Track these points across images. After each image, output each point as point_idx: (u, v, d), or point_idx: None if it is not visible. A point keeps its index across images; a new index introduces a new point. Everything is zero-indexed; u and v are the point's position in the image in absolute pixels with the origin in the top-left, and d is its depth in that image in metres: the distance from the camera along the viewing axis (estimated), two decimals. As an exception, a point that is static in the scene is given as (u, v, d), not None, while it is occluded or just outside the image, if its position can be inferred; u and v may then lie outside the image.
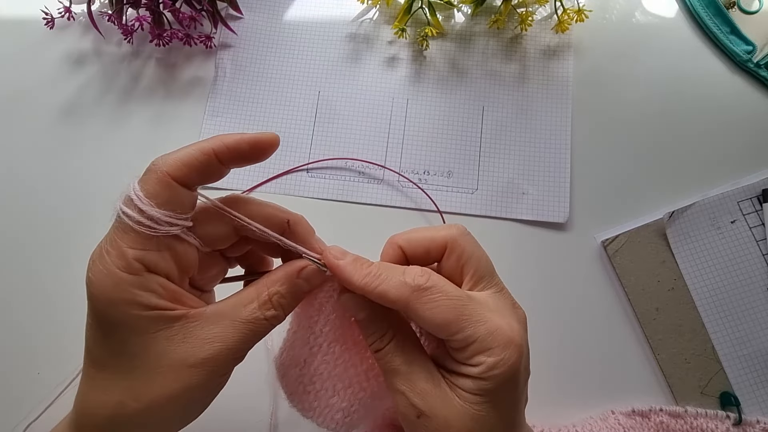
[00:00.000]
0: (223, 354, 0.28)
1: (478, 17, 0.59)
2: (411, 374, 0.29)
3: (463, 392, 0.29)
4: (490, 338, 0.28)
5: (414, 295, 0.28)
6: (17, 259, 0.52)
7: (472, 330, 0.28)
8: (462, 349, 0.29)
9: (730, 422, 0.47)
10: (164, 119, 0.56)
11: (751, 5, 0.58)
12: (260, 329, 0.30)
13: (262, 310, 0.30)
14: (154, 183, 0.27)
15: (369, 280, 0.29)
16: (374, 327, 0.31)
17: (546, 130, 0.55)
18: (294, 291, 0.31)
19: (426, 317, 0.28)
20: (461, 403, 0.29)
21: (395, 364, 0.30)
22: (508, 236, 0.53)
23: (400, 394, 0.30)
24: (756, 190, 0.52)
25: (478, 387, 0.28)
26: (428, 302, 0.28)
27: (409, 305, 0.28)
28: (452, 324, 0.28)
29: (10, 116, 0.55)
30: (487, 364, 0.28)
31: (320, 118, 0.56)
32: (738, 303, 0.50)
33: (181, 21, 0.55)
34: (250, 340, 0.30)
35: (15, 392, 0.49)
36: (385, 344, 0.30)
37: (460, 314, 0.28)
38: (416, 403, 0.29)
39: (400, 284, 0.29)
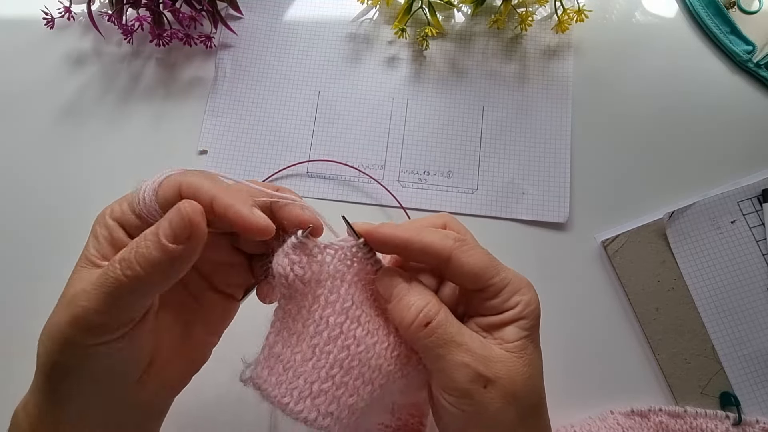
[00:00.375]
0: (80, 295, 0.27)
1: (478, 17, 0.59)
2: (468, 344, 0.30)
3: (510, 343, 0.30)
4: (518, 281, 0.31)
5: (457, 244, 0.31)
6: (17, 259, 0.52)
7: (505, 274, 0.31)
8: (498, 294, 0.31)
9: (729, 422, 0.47)
10: (164, 119, 0.56)
11: (751, 5, 0.58)
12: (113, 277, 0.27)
13: (118, 257, 0.27)
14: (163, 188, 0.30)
15: (413, 233, 0.31)
16: (422, 294, 0.31)
17: (546, 130, 0.55)
18: (154, 235, 0.27)
19: (470, 263, 0.30)
20: (513, 354, 0.30)
21: (451, 333, 0.30)
22: (508, 236, 0.53)
23: (462, 366, 0.29)
24: (756, 190, 0.52)
25: (522, 327, 0.31)
26: (469, 250, 0.31)
27: (453, 253, 0.30)
28: (490, 269, 0.31)
29: (10, 116, 0.55)
30: (525, 301, 0.31)
31: (320, 118, 0.56)
32: (738, 303, 0.50)
33: (181, 21, 0.55)
34: (104, 290, 0.27)
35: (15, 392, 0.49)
36: (437, 312, 0.30)
37: (493, 261, 0.31)
38: (483, 371, 0.29)
39: (442, 236, 0.31)
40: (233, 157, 0.55)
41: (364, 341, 0.30)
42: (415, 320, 0.30)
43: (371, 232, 0.31)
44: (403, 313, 0.30)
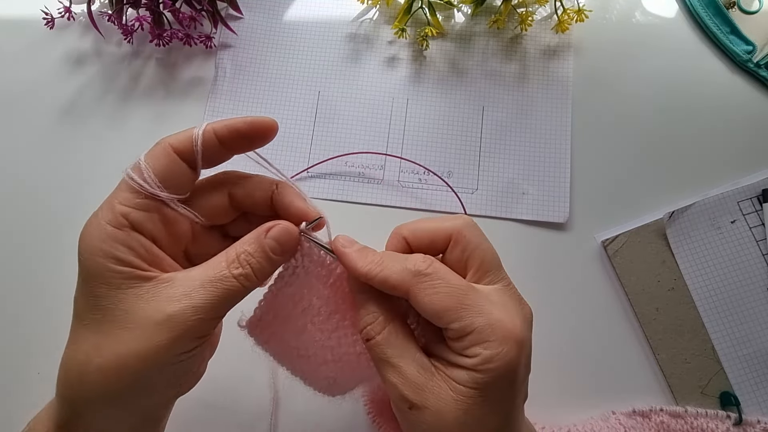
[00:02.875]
0: (189, 311, 0.28)
1: (478, 17, 0.59)
2: (402, 366, 0.29)
3: (457, 385, 0.28)
4: (489, 330, 0.28)
5: (414, 280, 0.29)
6: (17, 259, 0.52)
7: (470, 320, 0.28)
8: (459, 339, 0.28)
9: (730, 422, 0.47)
10: (164, 119, 0.56)
11: (751, 5, 0.58)
12: (230, 288, 0.29)
13: (230, 269, 0.29)
14: (157, 151, 0.30)
15: (372, 267, 0.30)
16: (373, 309, 0.31)
17: (546, 130, 0.55)
18: (263, 250, 0.30)
19: (425, 303, 0.29)
20: (454, 395, 0.28)
21: (386, 354, 0.30)
22: (508, 236, 0.53)
23: (391, 385, 0.29)
24: (756, 190, 0.52)
25: (473, 379, 0.28)
26: (428, 288, 0.29)
27: (410, 290, 0.29)
28: (450, 312, 0.28)
29: (10, 116, 0.55)
30: (483, 356, 0.28)
31: (320, 118, 0.56)
32: (738, 303, 0.50)
33: (181, 21, 0.55)
34: (220, 300, 0.29)
35: (15, 392, 0.49)
36: (378, 332, 0.30)
37: (459, 303, 0.28)
38: (407, 395, 0.29)
39: (401, 270, 0.29)
40: (233, 157, 0.54)
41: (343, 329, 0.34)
42: (360, 332, 0.31)
43: (341, 255, 0.31)
44: (356, 321, 0.32)
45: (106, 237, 0.28)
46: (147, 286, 0.28)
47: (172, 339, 0.27)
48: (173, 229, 0.31)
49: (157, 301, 0.28)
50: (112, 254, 0.28)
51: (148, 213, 0.29)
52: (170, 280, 0.29)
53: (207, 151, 0.31)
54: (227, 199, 0.33)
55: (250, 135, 0.32)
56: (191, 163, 0.31)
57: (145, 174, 0.29)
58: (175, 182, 0.30)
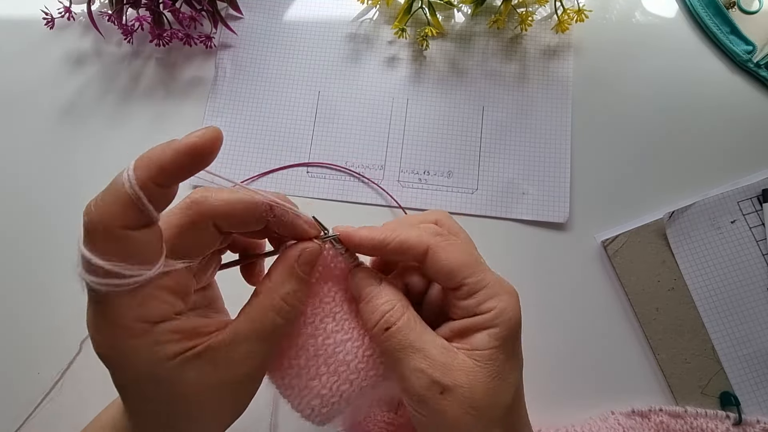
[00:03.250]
0: (258, 368, 0.29)
1: (478, 17, 0.59)
2: (428, 350, 0.29)
3: (478, 351, 0.29)
4: (498, 285, 0.30)
5: (435, 239, 0.30)
6: (17, 259, 0.52)
7: (483, 275, 0.30)
8: (472, 295, 0.30)
9: (730, 422, 0.47)
10: (164, 119, 0.56)
11: (751, 5, 0.58)
12: (282, 331, 0.30)
13: (281, 315, 0.29)
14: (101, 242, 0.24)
15: (388, 233, 0.31)
16: (387, 298, 0.31)
17: (546, 130, 0.55)
18: (300, 281, 0.30)
19: (445, 258, 0.30)
20: (480, 363, 0.29)
21: (410, 339, 0.29)
22: (508, 236, 0.53)
23: (418, 372, 0.29)
24: (756, 190, 0.52)
25: (493, 336, 0.29)
26: (446, 246, 0.30)
27: (430, 248, 0.30)
28: (467, 267, 0.30)
29: (10, 116, 0.55)
30: (499, 308, 0.29)
31: (320, 118, 0.56)
32: (738, 303, 0.50)
33: (181, 21, 0.55)
34: (277, 344, 0.30)
35: (15, 392, 0.49)
36: (398, 318, 0.30)
37: (473, 260, 0.30)
38: (438, 378, 0.28)
39: (419, 232, 0.31)
40: (233, 157, 0.55)
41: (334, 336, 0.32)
42: (377, 324, 0.30)
43: (348, 235, 0.31)
44: (368, 315, 0.31)
45: (142, 350, 0.25)
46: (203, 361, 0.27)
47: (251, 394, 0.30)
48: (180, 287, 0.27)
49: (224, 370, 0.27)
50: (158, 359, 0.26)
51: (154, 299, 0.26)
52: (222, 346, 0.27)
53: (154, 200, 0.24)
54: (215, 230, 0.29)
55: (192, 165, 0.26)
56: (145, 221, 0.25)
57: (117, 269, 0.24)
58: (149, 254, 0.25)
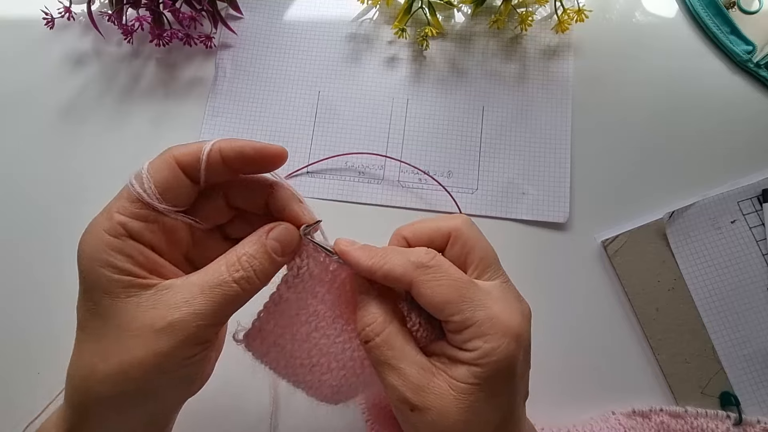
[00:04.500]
0: (190, 318, 0.28)
1: (478, 17, 0.59)
2: (403, 369, 0.29)
3: (458, 382, 0.28)
4: (489, 324, 0.28)
5: (417, 272, 0.29)
6: (17, 259, 0.52)
7: (471, 313, 0.28)
8: (459, 332, 0.29)
9: (730, 422, 0.47)
10: (164, 119, 0.56)
11: (751, 5, 0.58)
12: (230, 293, 0.29)
13: (230, 272, 0.29)
14: (160, 162, 0.29)
15: (376, 260, 0.30)
16: (373, 310, 0.31)
17: (546, 130, 0.55)
18: (263, 251, 0.30)
19: (427, 294, 0.29)
20: (455, 394, 0.28)
21: (386, 356, 0.30)
22: (508, 236, 0.53)
23: (392, 387, 0.29)
24: (756, 190, 0.52)
25: (473, 374, 0.28)
26: (431, 280, 0.29)
27: (413, 282, 0.29)
28: (452, 304, 0.29)
29: (10, 116, 0.55)
30: (483, 349, 0.28)
31: (320, 118, 0.56)
32: (738, 303, 0.50)
33: (181, 21, 0.55)
34: (222, 305, 0.29)
35: (15, 392, 0.49)
36: (378, 333, 0.30)
37: (461, 296, 0.29)
38: (409, 397, 0.29)
39: (404, 262, 0.30)
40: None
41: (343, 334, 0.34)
42: (359, 333, 0.31)
43: (344, 254, 0.31)
44: (356, 322, 0.32)
45: (104, 246, 0.28)
46: (147, 294, 0.28)
47: (174, 346, 0.27)
48: (172, 236, 0.31)
49: (157, 309, 0.28)
50: (110, 263, 0.28)
51: (146, 223, 0.29)
52: (170, 287, 0.29)
53: (210, 169, 0.30)
54: (223, 200, 0.33)
55: (257, 161, 0.31)
56: (194, 177, 0.30)
57: (145, 184, 0.29)
58: (175, 194, 0.30)
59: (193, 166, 0.30)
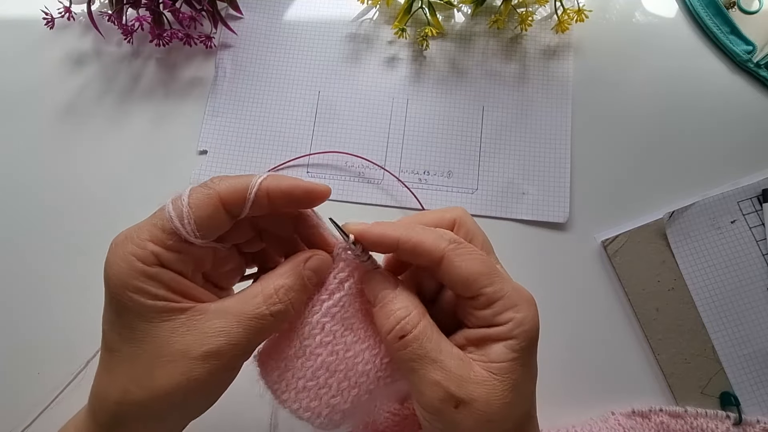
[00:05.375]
0: (225, 348, 0.28)
1: (478, 17, 0.59)
2: (444, 361, 0.28)
3: (497, 363, 0.28)
4: (516, 295, 0.29)
5: (451, 246, 0.29)
6: (17, 259, 0.52)
7: (501, 285, 0.29)
8: (490, 305, 0.29)
9: (730, 422, 0.47)
10: (164, 119, 0.56)
11: (751, 5, 0.58)
12: (266, 325, 0.29)
13: (267, 305, 0.29)
14: (204, 198, 0.29)
15: (403, 233, 0.29)
16: (404, 303, 0.30)
17: (546, 130, 0.55)
18: (300, 282, 0.30)
19: (462, 268, 0.29)
20: (498, 376, 0.28)
21: (426, 349, 0.28)
22: (508, 236, 0.53)
23: (433, 384, 0.28)
24: (756, 190, 0.52)
25: (511, 348, 0.28)
26: (463, 254, 0.29)
27: (445, 255, 0.29)
28: (485, 277, 0.29)
29: (10, 116, 0.55)
30: (517, 319, 0.28)
31: (320, 118, 0.56)
32: (738, 303, 0.50)
33: (181, 21, 0.55)
34: (256, 336, 0.29)
35: (15, 392, 0.49)
36: (415, 325, 0.29)
37: (491, 269, 0.29)
38: (454, 391, 0.27)
39: (436, 236, 0.29)
40: (233, 158, 0.55)
41: (353, 347, 0.31)
42: (391, 331, 0.29)
43: (362, 233, 0.30)
44: (382, 320, 0.30)
45: (137, 273, 0.27)
46: (182, 319, 0.28)
47: (210, 373, 0.28)
48: (199, 261, 0.31)
49: (193, 335, 0.28)
50: (143, 289, 0.27)
51: (179, 254, 0.29)
52: (205, 312, 0.29)
53: (254, 207, 0.29)
54: (249, 223, 0.33)
55: (303, 201, 0.30)
56: (234, 213, 0.30)
57: (185, 220, 0.28)
58: (212, 230, 0.29)
59: (237, 203, 0.29)
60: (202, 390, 0.29)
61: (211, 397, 0.31)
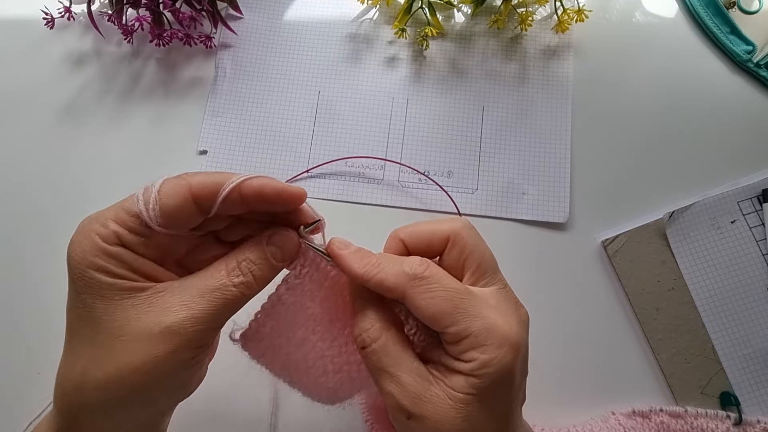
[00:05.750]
0: (188, 322, 0.27)
1: (478, 17, 0.59)
2: (400, 376, 0.29)
3: (455, 392, 0.28)
4: (485, 334, 0.28)
5: (411, 283, 0.29)
6: (17, 259, 0.52)
7: (467, 324, 0.28)
8: (455, 343, 0.28)
9: (730, 422, 0.47)
10: (164, 119, 0.56)
11: (751, 5, 0.58)
12: (230, 297, 0.29)
13: (230, 277, 0.29)
14: (174, 188, 0.28)
15: (368, 269, 0.30)
16: (370, 315, 0.30)
17: (546, 130, 0.55)
18: (264, 257, 0.30)
19: (421, 307, 0.28)
20: (452, 403, 0.28)
21: (383, 363, 0.29)
22: (508, 236, 0.53)
23: (388, 395, 0.29)
24: (756, 190, 0.52)
25: (470, 384, 0.28)
26: (425, 292, 0.29)
27: (406, 293, 0.29)
28: (447, 316, 0.28)
29: (10, 116, 0.55)
30: (480, 360, 0.28)
31: (320, 118, 0.56)
32: (738, 303, 0.50)
33: (181, 21, 0.55)
34: (220, 310, 0.29)
35: (15, 392, 0.49)
36: (374, 339, 0.30)
37: (456, 306, 0.28)
38: (405, 405, 0.28)
39: (398, 273, 0.29)
40: (233, 157, 0.55)
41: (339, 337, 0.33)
42: (356, 339, 0.30)
43: (336, 258, 0.31)
44: (353, 327, 0.31)
45: (97, 251, 0.27)
46: (142, 297, 0.28)
47: (171, 351, 0.27)
48: (167, 247, 0.30)
49: (153, 312, 0.27)
50: (103, 267, 0.27)
51: (141, 237, 0.28)
52: (166, 290, 0.28)
53: (224, 204, 0.29)
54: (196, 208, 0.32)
55: (274, 202, 0.30)
56: (205, 209, 0.29)
57: (151, 205, 0.28)
58: (180, 222, 0.29)
59: (208, 199, 0.29)
60: (166, 371, 0.27)
61: (179, 383, 0.30)
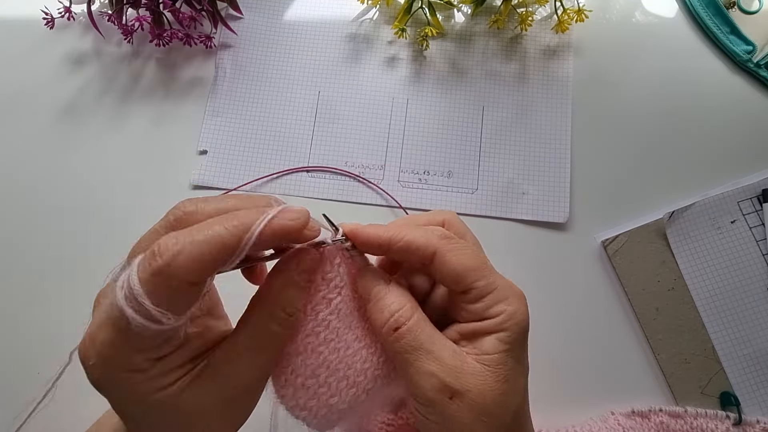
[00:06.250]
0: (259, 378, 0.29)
1: (478, 17, 0.59)
2: (438, 352, 0.28)
3: (488, 355, 0.29)
4: (508, 288, 0.30)
5: (442, 242, 0.30)
6: (17, 259, 0.52)
7: (492, 278, 0.30)
8: (481, 299, 0.29)
9: (730, 422, 0.47)
10: (164, 119, 0.56)
11: (751, 5, 0.58)
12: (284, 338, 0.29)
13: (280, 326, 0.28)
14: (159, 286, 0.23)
15: (395, 232, 0.30)
16: (396, 297, 0.30)
17: (546, 130, 0.55)
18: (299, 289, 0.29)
19: (453, 263, 0.29)
20: (490, 367, 0.29)
21: (420, 340, 0.29)
22: (508, 236, 0.53)
23: (428, 375, 0.28)
24: (756, 190, 0.52)
25: (502, 340, 0.29)
26: (454, 249, 0.30)
27: (438, 251, 0.29)
28: (476, 271, 0.29)
29: (10, 116, 0.55)
30: (508, 312, 0.29)
31: (320, 118, 0.56)
32: (738, 303, 0.50)
33: (181, 21, 0.55)
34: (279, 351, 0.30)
35: (15, 392, 0.49)
36: (408, 317, 0.29)
37: (483, 262, 0.30)
38: (449, 382, 0.28)
39: (427, 233, 0.30)
40: (233, 157, 0.55)
41: (353, 345, 0.31)
42: (386, 324, 0.29)
43: (354, 233, 0.30)
44: (376, 315, 0.30)
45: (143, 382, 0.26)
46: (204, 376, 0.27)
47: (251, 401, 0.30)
48: None
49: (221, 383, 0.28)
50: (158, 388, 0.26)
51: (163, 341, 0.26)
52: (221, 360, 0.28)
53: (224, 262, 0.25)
54: None
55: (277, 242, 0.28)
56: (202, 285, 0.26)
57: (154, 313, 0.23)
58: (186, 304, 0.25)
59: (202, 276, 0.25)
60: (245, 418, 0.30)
61: None
